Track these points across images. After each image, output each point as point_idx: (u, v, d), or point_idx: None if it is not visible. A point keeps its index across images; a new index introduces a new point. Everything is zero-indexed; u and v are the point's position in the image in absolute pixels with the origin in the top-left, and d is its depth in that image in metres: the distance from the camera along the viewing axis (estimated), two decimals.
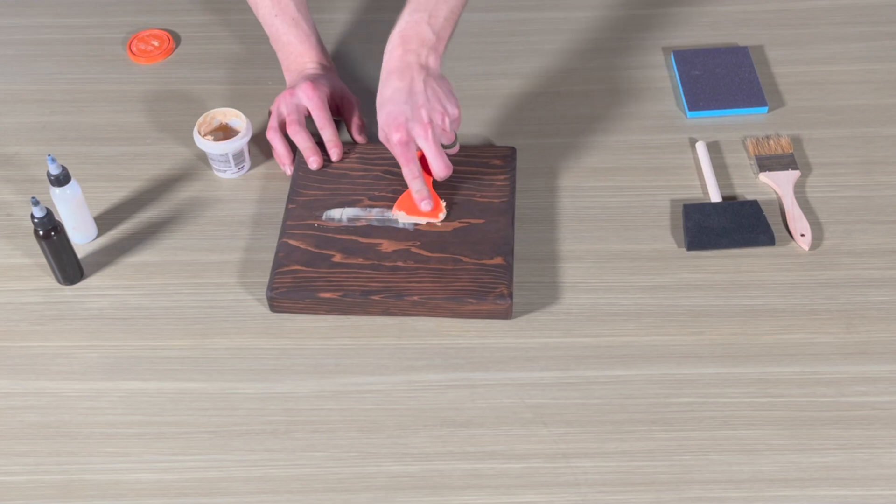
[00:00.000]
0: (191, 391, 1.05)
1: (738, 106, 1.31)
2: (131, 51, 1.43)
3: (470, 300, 1.08)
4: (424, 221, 1.14)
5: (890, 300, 1.10)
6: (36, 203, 1.07)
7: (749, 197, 1.21)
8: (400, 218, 1.15)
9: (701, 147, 1.25)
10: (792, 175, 1.22)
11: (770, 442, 0.99)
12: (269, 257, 1.15)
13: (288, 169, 1.24)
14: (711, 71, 1.35)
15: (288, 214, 1.17)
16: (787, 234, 1.17)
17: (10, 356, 1.09)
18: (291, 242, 1.14)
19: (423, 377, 1.06)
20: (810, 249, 1.15)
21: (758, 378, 1.04)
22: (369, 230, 1.15)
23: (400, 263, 1.11)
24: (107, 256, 1.18)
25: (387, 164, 1.22)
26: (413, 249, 1.12)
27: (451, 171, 1.14)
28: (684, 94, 1.32)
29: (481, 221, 1.15)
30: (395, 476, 0.98)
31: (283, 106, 1.23)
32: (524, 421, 1.02)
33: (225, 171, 1.25)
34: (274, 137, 1.24)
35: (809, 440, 0.99)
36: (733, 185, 1.22)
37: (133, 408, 1.04)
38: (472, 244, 1.13)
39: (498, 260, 1.11)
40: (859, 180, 1.22)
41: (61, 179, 1.12)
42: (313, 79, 1.24)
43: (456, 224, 1.15)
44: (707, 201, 1.20)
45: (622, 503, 0.96)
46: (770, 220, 1.17)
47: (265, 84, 1.38)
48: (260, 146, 1.29)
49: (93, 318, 1.12)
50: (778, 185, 1.21)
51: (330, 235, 1.14)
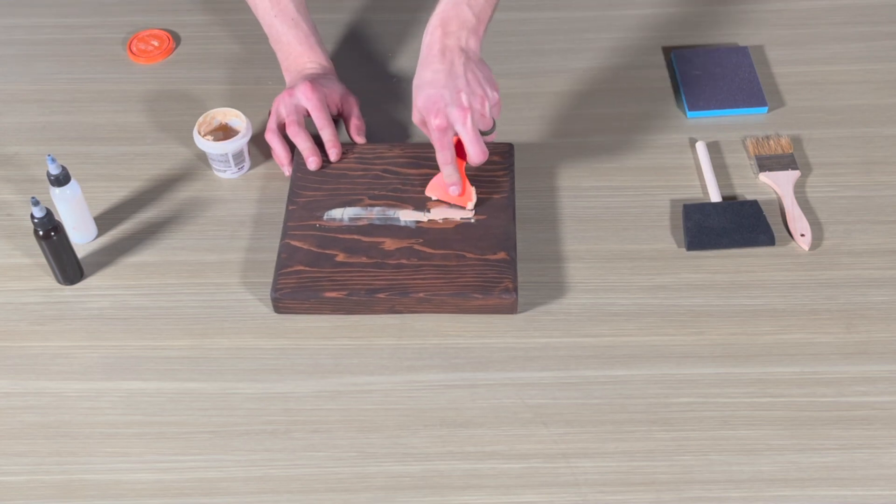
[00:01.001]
0: (191, 391, 1.05)
1: (738, 106, 1.31)
2: (131, 51, 1.43)
3: (476, 295, 1.08)
4: (454, 213, 1.15)
5: (890, 300, 1.10)
6: (36, 203, 1.07)
7: (749, 197, 1.21)
8: (433, 195, 1.16)
9: (701, 147, 1.25)
10: (792, 175, 1.22)
11: (770, 442, 0.99)
12: (270, 257, 1.15)
13: (287, 170, 1.24)
14: (711, 71, 1.35)
15: (288, 216, 1.17)
16: (787, 234, 1.17)
17: (10, 356, 1.09)
18: (293, 243, 1.14)
19: (423, 377, 1.06)
20: (810, 249, 1.15)
21: (758, 378, 1.04)
22: (371, 229, 1.15)
23: (403, 261, 1.11)
24: (107, 256, 1.18)
25: (385, 164, 1.22)
26: (416, 247, 1.12)
27: (487, 157, 1.12)
28: (684, 94, 1.32)
29: (483, 217, 1.15)
30: (395, 476, 0.98)
31: (282, 107, 1.23)
32: (524, 421, 1.02)
33: (225, 171, 1.25)
34: (272, 138, 1.24)
35: (809, 440, 0.99)
36: (733, 185, 1.22)
37: (133, 408, 1.04)
38: (475, 240, 1.13)
39: (501, 255, 1.11)
40: (859, 180, 1.22)
41: (61, 179, 1.12)
42: (312, 79, 1.24)
43: (458, 220, 1.15)
44: (707, 201, 1.20)
45: (622, 503, 0.96)
46: (770, 220, 1.17)
47: (265, 84, 1.38)
48: (260, 146, 1.29)
49: (93, 318, 1.12)
50: (778, 185, 1.21)
51: (332, 235, 1.14)
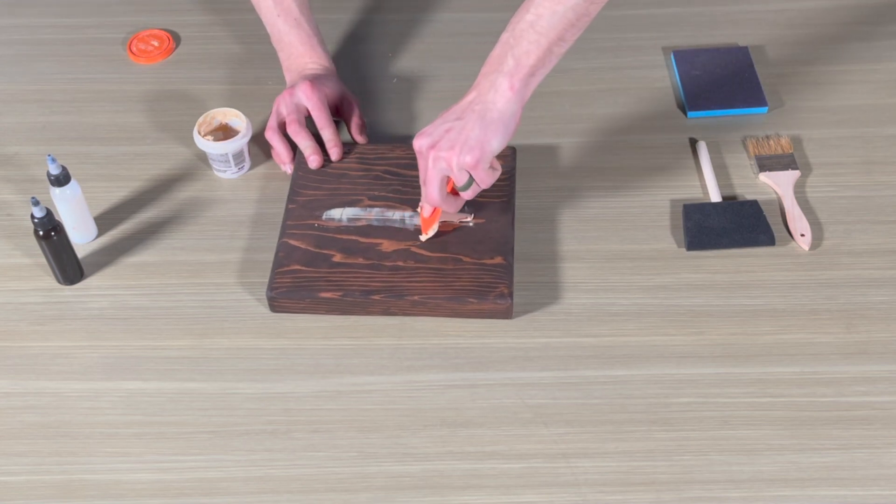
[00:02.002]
0: (191, 391, 1.05)
1: (738, 106, 1.31)
2: (131, 51, 1.43)
3: (470, 300, 1.08)
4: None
5: (890, 300, 1.10)
6: (36, 203, 1.07)
7: (749, 197, 1.21)
8: (419, 211, 1.15)
9: (701, 147, 1.25)
10: (792, 175, 1.22)
11: (770, 442, 0.99)
12: (269, 257, 1.15)
13: (288, 168, 1.24)
14: (711, 71, 1.35)
15: (288, 214, 1.17)
16: (787, 234, 1.17)
17: (10, 356, 1.09)
18: (291, 242, 1.14)
19: (423, 377, 1.06)
20: (810, 249, 1.15)
21: (758, 378, 1.04)
22: (369, 230, 1.15)
23: (400, 263, 1.11)
24: (107, 256, 1.18)
25: (387, 164, 1.22)
26: (413, 249, 1.12)
27: (448, 207, 1.09)
28: (684, 94, 1.32)
29: (481, 221, 1.15)
30: (395, 476, 0.98)
31: (283, 106, 1.24)
32: (524, 421, 1.02)
33: (225, 171, 1.25)
34: (273, 137, 1.24)
35: (809, 440, 0.99)
36: (733, 185, 1.22)
37: (133, 408, 1.04)
38: (473, 244, 1.13)
39: (498, 259, 1.11)
40: (859, 180, 1.22)
41: (61, 179, 1.12)
42: (313, 79, 1.24)
43: (455, 224, 1.15)
44: (707, 201, 1.20)
45: (622, 503, 0.96)
46: (770, 220, 1.17)
47: (265, 84, 1.38)
48: (260, 146, 1.29)
49: (93, 318, 1.12)
50: (778, 185, 1.21)
51: (330, 235, 1.14)
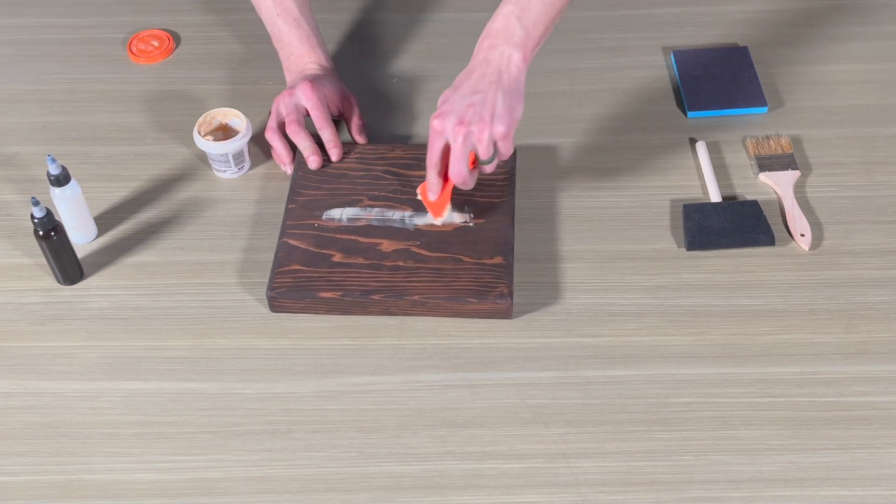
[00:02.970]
0: (191, 391, 1.05)
1: (738, 106, 1.31)
2: (131, 51, 1.43)
3: (470, 299, 1.08)
4: (427, 218, 1.14)
5: (890, 300, 1.10)
6: (36, 203, 1.07)
7: (749, 197, 1.21)
8: (419, 194, 1.14)
9: (701, 147, 1.25)
10: (792, 175, 1.22)
11: (770, 442, 0.99)
12: (269, 257, 1.15)
13: (288, 168, 1.24)
14: (711, 71, 1.35)
15: (288, 214, 1.17)
16: (787, 234, 1.17)
17: (10, 356, 1.09)
18: (291, 242, 1.14)
19: (423, 377, 1.06)
20: (810, 249, 1.15)
21: (758, 378, 1.04)
22: (369, 230, 1.15)
23: (400, 263, 1.11)
24: (107, 256, 1.18)
25: (387, 164, 1.22)
26: (413, 249, 1.12)
27: (468, 185, 1.08)
28: (684, 94, 1.32)
29: (481, 221, 1.15)
30: (395, 476, 0.98)
31: (283, 106, 1.24)
32: (524, 421, 1.02)
33: (225, 171, 1.25)
34: (273, 137, 1.24)
35: (809, 440, 0.99)
36: (733, 185, 1.22)
37: (133, 408, 1.04)
38: (473, 244, 1.13)
39: (498, 259, 1.11)
40: (859, 180, 1.22)
41: (61, 179, 1.12)
42: (312, 79, 1.24)
43: (456, 224, 1.15)
44: (707, 201, 1.20)
45: (622, 503, 0.96)
46: (770, 220, 1.17)
47: (265, 84, 1.38)
48: (260, 146, 1.29)
49: (93, 318, 1.12)
50: (778, 185, 1.21)
51: (330, 235, 1.14)
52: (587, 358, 1.07)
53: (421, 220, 1.15)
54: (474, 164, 1.08)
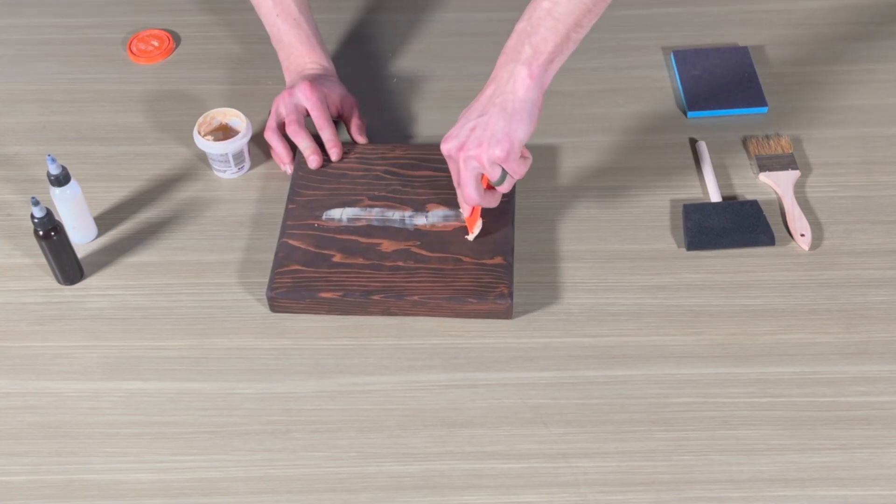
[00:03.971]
0: (191, 391, 1.05)
1: (738, 106, 1.31)
2: (131, 51, 1.43)
3: (470, 300, 1.08)
4: (427, 219, 1.14)
5: (890, 300, 1.10)
6: (36, 203, 1.07)
7: (749, 197, 1.21)
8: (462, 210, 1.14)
9: (701, 147, 1.25)
10: (792, 175, 1.22)
11: (770, 442, 0.99)
12: (269, 257, 1.15)
13: (288, 168, 1.24)
14: (711, 71, 1.35)
15: (288, 214, 1.17)
16: (787, 234, 1.17)
17: (10, 356, 1.09)
18: (291, 242, 1.14)
19: (423, 377, 1.06)
20: (810, 249, 1.15)
21: (758, 378, 1.04)
22: (369, 230, 1.15)
23: (400, 263, 1.11)
24: (107, 256, 1.18)
25: (387, 164, 1.22)
26: (413, 249, 1.12)
27: (486, 204, 1.09)
28: (684, 94, 1.32)
29: (482, 220, 1.15)
30: (395, 476, 0.98)
31: (282, 106, 1.24)
32: (524, 421, 1.02)
33: (225, 171, 1.25)
34: (272, 137, 1.24)
35: (809, 440, 0.99)
36: (733, 185, 1.22)
37: (133, 408, 1.04)
38: (472, 244, 1.12)
39: (498, 260, 1.11)
40: (859, 180, 1.22)
41: (61, 179, 1.12)
42: (312, 79, 1.24)
43: (456, 224, 1.15)
44: (707, 201, 1.20)
45: (622, 503, 0.96)
46: (770, 220, 1.17)
47: (265, 84, 1.38)
48: (260, 146, 1.29)
49: (93, 318, 1.12)
50: (778, 185, 1.21)
51: (330, 235, 1.14)
52: (587, 358, 1.07)
53: (421, 221, 1.15)
54: (488, 185, 1.09)
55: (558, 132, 1.29)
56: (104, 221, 1.21)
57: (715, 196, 1.20)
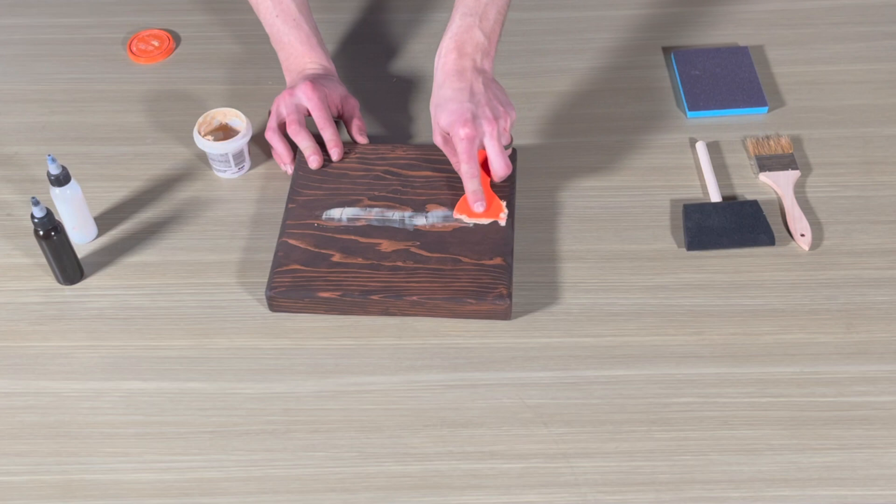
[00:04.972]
0: (191, 391, 1.05)
1: (738, 106, 1.31)
2: (131, 51, 1.43)
3: (469, 300, 1.08)
4: (488, 222, 1.14)
5: (890, 300, 1.10)
6: (36, 203, 1.07)
7: (749, 197, 1.21)
8: (463, 219, 1.14)
9: (701, 147, 1.25)
10: (792, 175, 1.22)
11: (770, 442, 0.99)
12: (269, 257, 1.15)
13: (288, 168, 1.24)
14: (711, 71, 1.35)
15: (288, 214, 1.17)
16: (787, 234, 1.17)
17: (10, 356, 1.09)
18: (291, 242, 1.14)
19: (423, 377, 1.06)
20: (810, 249, 1.15)
21: (758, 378, 1.04)
22: (369, 230, 1.15)
23: (399, 263, 1.11)
24: (107, 256, 1.18)
25: (387, 164, 1.22)
26: (413, 249, 1.12)
27: (511, 171, 1.15)
28: (684, 94, 1.32)
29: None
30: (395, 476, 0.98)
31: (283, 106, 1.23)
32: (524, 421, 1.02)
33: (225, 171, 1.25)
34: (273, 137, 1.24)
35: (809, 440, 0.99)
36: (733, 185, 1.22)
37: (133, 408, 1.04)
38: (472, 244, 1.13)
39: (497, 260, 1.11)
40: (859, 180, 1.22)
41: (61, 179, 1.12)
42: (313, 79, 1.24)
43: (455, 224, 1.15)
44: (707, 201, 1.20)
45: (622, 503, 0.96)
46: (770, 220, 1.17)
47: (265, 84, 1.38)
48: (260, 146, 1.29)
49: (93, 318, 1.12)
50: (778, 185, 1.21)
51: (329, 235, 1.14)
52: (587, 358, 1.07)
53: (420, 221, 1.15)
54: (485, 160, 1.16)
55: (558, 132, 1.29)
56: (104, 221, 1.21)
57: (715, 196, 1.20)
